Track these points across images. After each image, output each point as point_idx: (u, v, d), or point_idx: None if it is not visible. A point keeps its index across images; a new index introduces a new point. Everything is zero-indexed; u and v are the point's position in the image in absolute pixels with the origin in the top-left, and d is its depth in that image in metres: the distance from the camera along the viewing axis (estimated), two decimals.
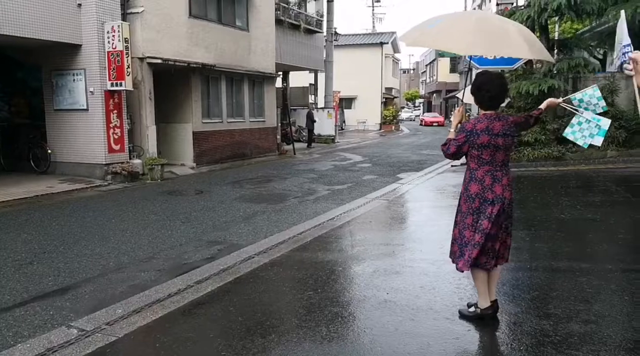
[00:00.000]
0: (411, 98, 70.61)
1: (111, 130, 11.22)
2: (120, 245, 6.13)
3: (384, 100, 42.04)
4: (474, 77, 3.78)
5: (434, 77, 58.92)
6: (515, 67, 13.57)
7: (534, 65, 14.44)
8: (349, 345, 3.34)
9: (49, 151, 11.67)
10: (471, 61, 13.77)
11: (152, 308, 4.03)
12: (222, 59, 14.61)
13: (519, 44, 3.58)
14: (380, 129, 37.86)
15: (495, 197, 3.39)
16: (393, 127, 37.89)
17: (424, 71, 70.43)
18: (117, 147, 11.36)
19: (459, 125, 3.58)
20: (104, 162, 11.15)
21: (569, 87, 14.23)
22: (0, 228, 7.00)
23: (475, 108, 39.66)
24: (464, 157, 3.61)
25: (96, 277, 4.99)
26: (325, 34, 23.89)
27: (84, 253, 5.78)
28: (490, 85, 3.40)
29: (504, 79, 3.52)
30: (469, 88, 3.88)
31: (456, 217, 3.63)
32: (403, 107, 64.47)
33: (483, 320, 3.59)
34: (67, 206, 8.66)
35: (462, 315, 3.70)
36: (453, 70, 50.78)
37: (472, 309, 3.70)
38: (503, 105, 10.40)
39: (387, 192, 9.59)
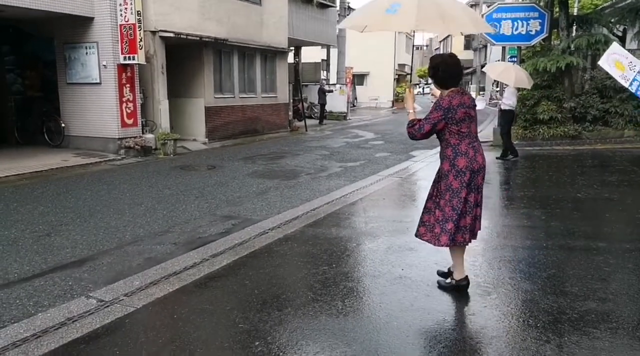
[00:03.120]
0: (424, 75, 69.76)
1: (124, 105, 11.22)
2: (136, 218, 6.18)
3: (396, 77, 41.54)
4: (490, 53, 3.86)
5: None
6: (533, 43, 13.32)
7: (552, 42, 14.15)
8: (364, 320, 3.36)
9: (63, 125, 11.72)
10: (486, 36, 13.54)
11: (168, 280, 4.07)
12: (235, 33, 14.46)
13: (464, 21, 3.79)
14: (392, 106, 37.52)
15: (480, 167, 3.57)
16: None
17: (437, 48, 69.37)
18: (130, 121, 11.37)
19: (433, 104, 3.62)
20: (117, 136, 11.18)
21: (587, 64, 13.96)
22: (17, 201, 7.07)
23: (483, 82, 38.98)
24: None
25: (113, 249, 5.05)
26: (338, 8, 23.52)
27: (100, 226, 5.84)
28: (445, 65, 3.57)
29: (457, 58, 3.69)
30: (495, 65, 3.94)
31: (437, 199, 3.66)
32: (416, 84, 63.79)
33: (459, 290, 3.74)
34: (81, 179, 8.72)
35: (440, 286, 3.85)
36: (467, 47, 49.96)
37: (448, 280, 3.86)
38: (528, 87, 10.28)
39: (400, 170, 9.54)
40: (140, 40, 10.91)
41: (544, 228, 5.44)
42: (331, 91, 22.72)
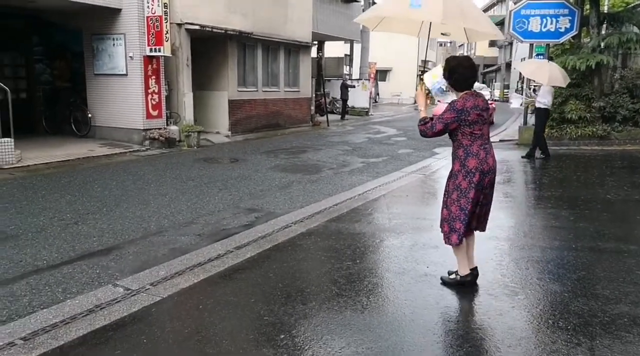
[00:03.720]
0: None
1: (149, 96, 11.34)
2: (160, 209, 6.24)
3: (419, 73, 41.15)
4: (515, 50, 3.96)
5: (472, 51, 57.27)
6: (562, 40, 13.03)
7: (582, 40, 13.83)
8: (389, 316, 3.33)
9: (89, 115, 11.89)
10: (514, 33, 13.29)
11: (193, 271, 4.10)
12: (259, 26, 14.48)
13: (484, 26, 3.94)
14: (415, 103, 37.19)
15: (490, 169, 3.58)
16: (429, 101, 37.13)
17: (462, 44, 68.50)
18: (155, 113, 11.49)
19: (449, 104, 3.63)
20: (142, 128, 11.30)
21: (618, 63, 13.62)
22: (46, 189, 7.21)
23: (508, 80, 38.33)
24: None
25: (138, 239, 5.10)
26: (362, 3, 23.36)
27: (125, 216, 5.91)
28: (461, 68, 3.60)
29: (472, 61, 3.74)
30: (529, 62, 4.00)
31: (445, 197, 3.73)
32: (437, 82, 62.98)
33: (464, 286, 3.74)
34: (107, 169, 8.85)
35: (444, 282, 3.86)
36: (492, 44, 49.24)
37: (452, 276, 3.86)
38: (563, 85, 10.07)
39: (423, 166, 9.46)
40: (167, 33, 10.99)
41: (572, 229, 5.33)
42: (353, 86, 22.63)
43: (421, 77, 4.02)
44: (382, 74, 38.11)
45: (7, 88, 8.86)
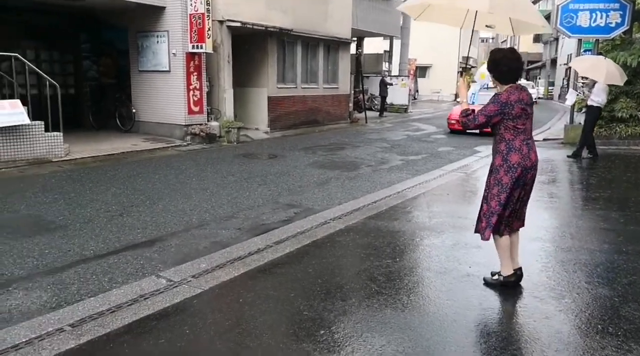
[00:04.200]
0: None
1: (191, 92, 11.55)
2: (202, 203, 6.35)
3: (460, 69, 40.45)
4: (561, 46, 3.88)
5: (516, 47, 55.81)
6: (612, 36, 12.52)
7: (633, 35, 13.25)
8: (430, 316, 3.28)
9: (134, 110, 12.21)
10: (561, 28, 12.85)
11: (233, 264, 4.15)
12: (299, 23, 14.52)
13: (534, 17, 3.87)
14: (455, 100, 36.58)
15: (532, 165, 3.52)
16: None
17: (504, 40, 66.91)
18: (196, 109, 11.70)
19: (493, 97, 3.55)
20: (184, 123, 11.53)
21: None
22: (92, 181, 7.44)
23: (553, 77, 37.10)
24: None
25: (180, 232, 5.20)
26: None
27: (168, 209, 6.04)
28: (505, 60, 3.52)
29: (518, 53, 3.65)
30: (584, 59, 3.91)
31: (486, 192, 3.66)
32: None
33: (507, 287, 3.66)
34: (150, 163, 9.07)
35: (486, 282, 3.78)
36: (536, 39, 47.84)
37: (495, 277, 3.77)
38: (621, 83, 9.67)
39: (464, 165, 9.28)
40: (209, 30, 11.16)
41: (622, 231, 5.11)
42: (391, 84, 22.41)
43: (462, 72, 3.96)
44: (421, 71, 37.62)
45: (57, 84, 9.19)
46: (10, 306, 3.48)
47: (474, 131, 11.36)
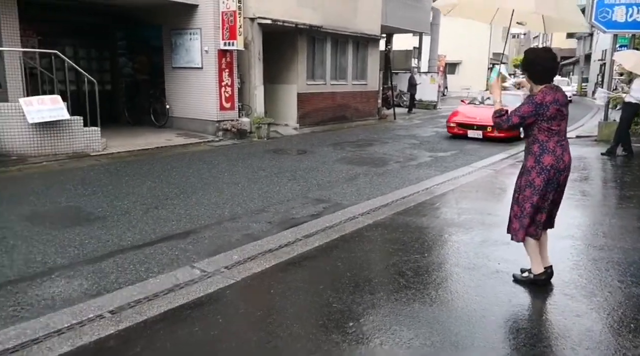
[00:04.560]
0: (519, 65, 66.09)
1: (223, 89, 11.74)
2: (233, 197, 6.49)
3: (490, 66, 39.79)
4: (596, 42, 3.85)
5: (548, 43, 54.49)
6: None
7: None
8: (459, 311, 3.31)
9: (167, 106, 12.49)
10: (596, 23, 12.52)
11: (265, 256, 4.25)
12: (329, 20, 14.56)
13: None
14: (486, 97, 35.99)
15: (565, 166, 3.48)
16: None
17: (536, 36, 65.37)
18: (227, 105, 11.89)
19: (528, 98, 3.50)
20: (216, 119, 11.73)
21: None
22: (128, 175, 7.68)
23: (587, 73, 36.13)
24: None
25: (213, 224, 5.34)
26: None
27: (201, 202, 6.19)
28: (540, 60, 3.48)
29: (553, 52, 3.59)
30: (630, 54, 3.87)
31: (517, 194, 3.62)
32: (512, 74, 60.69)
33: (537, 284, 3.66)
34: (183, 158, 9.28)
35: (516, 280, 3.77)
36: (570, 35, 46.57)
37: (525, 274, 3.76)
38: None
39: (494, 162, 9.19)
40: (240, 27, 11.31)
41: None
42: (419, 83, 22.15)
43: (491, 69, 3.94)
44: (451, 67, 37.16)
45: (94, 80, 9.48)
46: (54, 293, 3.66)
47: (477, 137, 11.35)
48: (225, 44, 11.47)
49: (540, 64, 3.47)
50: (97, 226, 5.20)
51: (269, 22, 12.38)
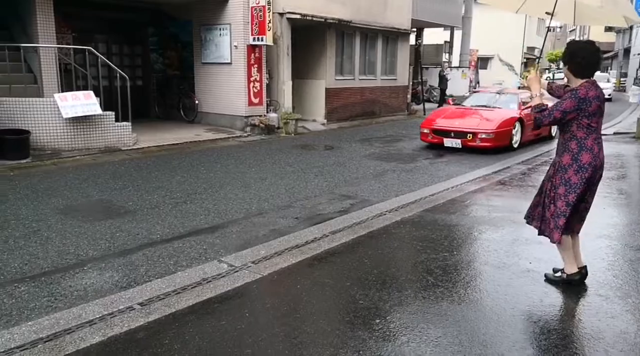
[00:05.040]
0: (554, 60, 64.38)
1: (251, 84, 11.80)
2: (260, 192, 6.52)
3: (524, 60, 38.88)
4: (636, 35, 3.69)
5: (585, 36, 52.98)
6: None
7: None
8: (487, 311, 3.24)
9: (197, 102, 12.64)
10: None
11: (291, 252, 4.25)
12: (358, 14, 14.46)
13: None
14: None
15: (601, 164, 3.42)
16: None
17: (573, 29, 63.60)
18: (256, 101, 11.95)
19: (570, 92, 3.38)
20: (244, 114, 11.81)
21: None
22: (158, 170, 7.81)
23: (625, 68, 34.94)
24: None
25: (241, 219, 5.38)
26: None
27: (229, 197, 6.25)
28: (584, 53, 3.37)
29: (596, 46, 3.46)
30: None
31: (551, 192, 3.49)
32: (547, 69, 59.20)
33: (571, 285, 3.57)
34: (212, 153, 9.38)
35: (548, 279, 3.69)
36: (609, 28, 45.10)
37: (558, 274, 3.68)
38: None
39: (526, 159, 8.99)
40: (269, 22, 11.34)
41: None
42: (449, 79, 21.78)
43: (526, 64, 3.82)
44: (483, 62, 36.37)
45: (126, 76, 9.66)
46: (86, 285, 3.74)
47: (455, 146, 9.72)
48: (254, 39, 11.52)
49: (582, 57, 3.35)
50: (127, 219, 5.30)
51: (298, 17, 12.38)
